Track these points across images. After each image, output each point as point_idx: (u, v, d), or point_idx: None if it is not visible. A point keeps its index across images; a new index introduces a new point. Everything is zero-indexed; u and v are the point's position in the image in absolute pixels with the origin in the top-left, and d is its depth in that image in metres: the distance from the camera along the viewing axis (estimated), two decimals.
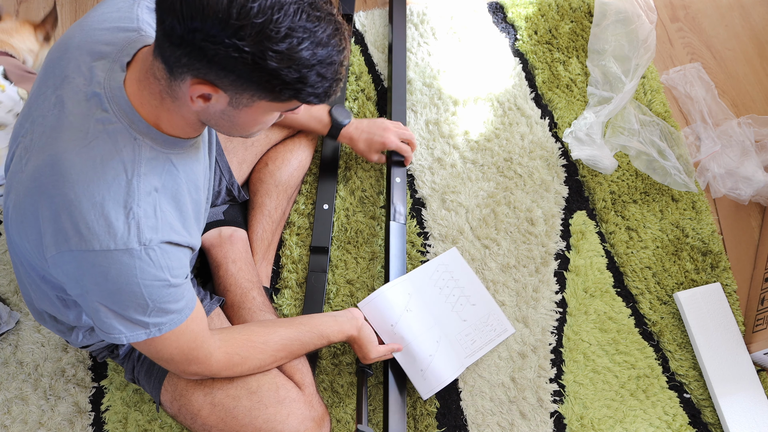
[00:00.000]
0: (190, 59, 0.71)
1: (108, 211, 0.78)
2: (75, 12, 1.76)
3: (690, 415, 1.30)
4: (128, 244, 0.79)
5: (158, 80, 0.77)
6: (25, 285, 1.00)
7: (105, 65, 0.82)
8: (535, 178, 1.50)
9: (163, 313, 0.86)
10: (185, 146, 0.86)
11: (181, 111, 0.80)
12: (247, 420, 1.04)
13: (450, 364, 1.27)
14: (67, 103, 0.81)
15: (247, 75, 0.71)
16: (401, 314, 1.26)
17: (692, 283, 1.41)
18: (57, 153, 0.79)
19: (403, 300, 1.28)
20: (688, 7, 1.77)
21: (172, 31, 0.69)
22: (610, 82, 1.58)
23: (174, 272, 0.84)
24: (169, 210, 0.84)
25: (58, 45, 0.89)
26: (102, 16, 0.88)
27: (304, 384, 1.12)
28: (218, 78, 0.72)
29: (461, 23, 1.70)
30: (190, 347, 0.94)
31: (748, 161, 1.48)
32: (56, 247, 0.80)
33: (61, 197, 0.78)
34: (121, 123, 0.80)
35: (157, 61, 0.75)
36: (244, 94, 0.75)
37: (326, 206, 1.44)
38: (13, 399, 1.28)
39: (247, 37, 0.67)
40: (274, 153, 1.38)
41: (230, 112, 0.78)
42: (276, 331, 1.08)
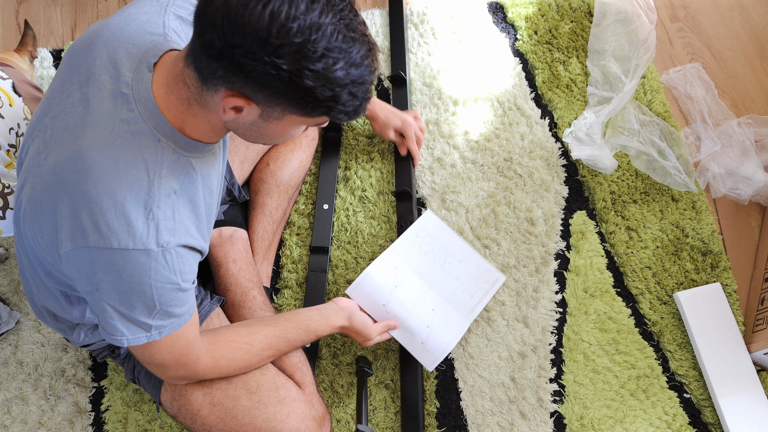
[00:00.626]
0: (227, 73, 0.72)
1: (129, 210, 0.78)
2: (75, 12, 1.76)
3: (690, 415, 1.30)
4: (147, 244, 0.79)
5: (188, 87, 0.78)
6: (28, 282, 1.00)
7: (132, 65, 0.83)
8: (535, 178, 1.50)
9: (167, 316, 0.87)
10: (205, 151, 0.87)
11: (208, 117, 0.81)
12: (246, 420, 1.04)
13: (450, 328, 1.27)
14: (92, 101, 0.82)
15: (282, 91, 0.73)
16: (391, 291, 1.26)
17: (692, 283, 1.41)
18: (80, 149, 0.79)
19: (391, 276, 1.28)
20: (688, 7, 1.77)
21: (212, 45, 0.71)
22: (610, 82, 1.58)
23: (185, 276, 0.85)
24: (185, 213, 0.85)
25: (83, 41, 0.89)
26: (130, 17, 0.89)
27: (304, 383, 1.12)
28: (253, 92, 0.74)
29: (461, 23, 1.70)
30: (181, 353, 0.95)
31: (748, 161, 1.48)
32: (73, 243, 0.80)
33: (82, 194, 0.78)
34: (146, 124, 0.80)
35: (189, 69, 0.77)
36: (276, 108, 0.76)
37: (326, 206, 1.44)
38: (13, 399, 1.28)
39: (286, 55, 0.69)
40: (275, 153, 1.38)
41: (260, 123, 0.80)
42: (260, 330, 1.08)
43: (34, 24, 1.74)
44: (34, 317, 1.35)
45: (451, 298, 1.31)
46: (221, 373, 1.03)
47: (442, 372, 1.32)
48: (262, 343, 1.07)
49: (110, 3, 1.77)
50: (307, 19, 0.69)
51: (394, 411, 1.28)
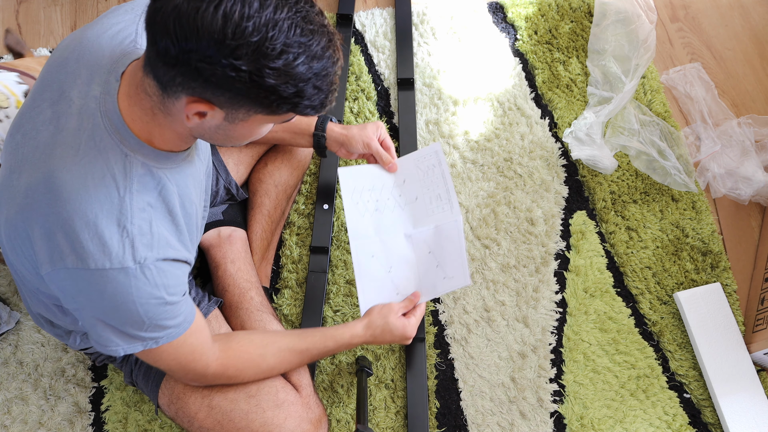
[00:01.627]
0: (185, 79, 0.70)
1: (102, 229, 0.77)
2: (75, 12, 1.76)
3: (690, 415, 1.30)
4: (123, 263, 0.78)
5: (150, 96, 0.76)
6: (21, 291, 1.00)
7: (101, 78, 0.81)
8: (535, 178, 1.50)
9: (160, 328, 0.86)
10: (177, 160, 0.85)
11: (173, 126, 0.79)
12: (243, 423, 1.04)
13: (451, 241, 1.19)
14: (61, 119, 0.80)
15: (244, 92, 0.70)
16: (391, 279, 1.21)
17: (692, 283, 1.41)
18: (49, 170, 0.78)
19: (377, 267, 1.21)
20: (688, 7, 1.77)
21: (166, 52, 0.68)
22: (610, 82, 1.58)
23: (170, 290, 0.84)
24: (164, 225, 0.83)
25: (56, 56, 0.88)
26: (102, 28, 0.87)
27: (301, 385, 1.12)
28: (214, 96, 0.72)
29: (461, 23, 1.70)
30: (187, 360, 0.94)
31: (748, 161, 1.48)
32: (51, 265, 0.79)
33: (54, 216, 0.77)
34: (112, 139, 0.78)
35: (148, 78, 0.74)
36: (241, 110, 0.74)
37: (326, 206, 1.44)
38: (13, 399, 1.28)
39: (244, 56, 0.67)
40: (273, 153, 1.37)
41: (225, 126, 0.78)
42: (275, 342, 1.06)
43: (34, 24, 1.74)
44: None
45: (429, 218, 1.22)
46: (230, 381, 1.03)
47: (442, 372, 1.32)
48: (275, 356, 1.06)
49: (110, 3, 1.77)
50: (262, 16, 0.66)
51: (394, 411, 1.28)
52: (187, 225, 0.90)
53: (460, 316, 1.36)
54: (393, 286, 1.21)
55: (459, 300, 1.38)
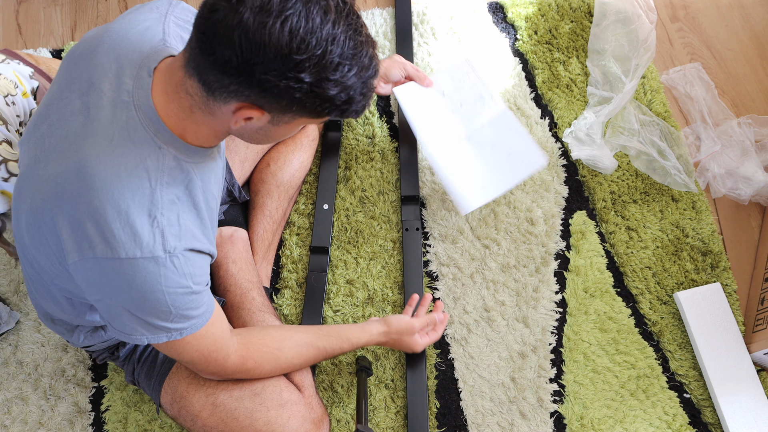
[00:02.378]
0: (241, 87, 0.73)
1: (133, 219, 0.78)
2: (75, 12, 1.76)
3: (690, 415, 1.30)
4: (154, 251, 0.79)
5: (191, 96, 0.78)
6: (30, 285, 1.00)
7: (132, 72, 0.83)
8: (535, 178, 1.50)
9: (185, 319, 0.87)
10: (205, 156, 0.88)
11: (212, 124, 0.81)
12: (247, 422, 1.04)
13: (510, 128, 1.36)
14: (92, 110, 0.82)
15: (299, 101, 0.74)
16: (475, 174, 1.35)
17: (692, 283, 1.41)
18: (81, 160, 0.79)
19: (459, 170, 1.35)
20: (688, 7, 1.77)
21: (227, 63, 0.71)
22: (610, 82, 1.58)
23: (196, 279, 0.85)
24: (190, 218, 0.85)
25: (83, 48, 0.89)
26: (130, 24, 0.89)
27: (303, 385, 1.12)
28: (267, 103, 0.75)
29: (461, 23, 1.70)
30: (209, 350, 0.95)
31: (748, 161, 1.48)
32: (79, 254, 0.80)
33: (85, 205, 0.78)
34: (146, 132, 0.80)
35: (191, 80, 0.77)
36: (287, 114, 0.78)
37: (326, 206, 1.44)
38: (13, 399, 1.28)
39: (307, 69, 0.71)
40: (275, 153, 1.38)
41: (268, 128, 0.81)
42: (292, 336, 1.08)
43: (34, 24, 1.74)
44: (34, 317, 1.35)
45: (478, 117, 1.38)
46: (248, 373, 1.04)
47: (442, 372, 1.32)
48: (293, 350, 1.07)
49: (110, 3, 1.77)
50: (323, 30, 0.70)
51: (394, 411, 1.28)
52: (210, 219, 0.92)
53: (460, 316, 1.37)
54: (480, 181, 1.33)
55: (459, 300, 1.38)
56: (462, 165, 1.35)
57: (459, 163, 1.36)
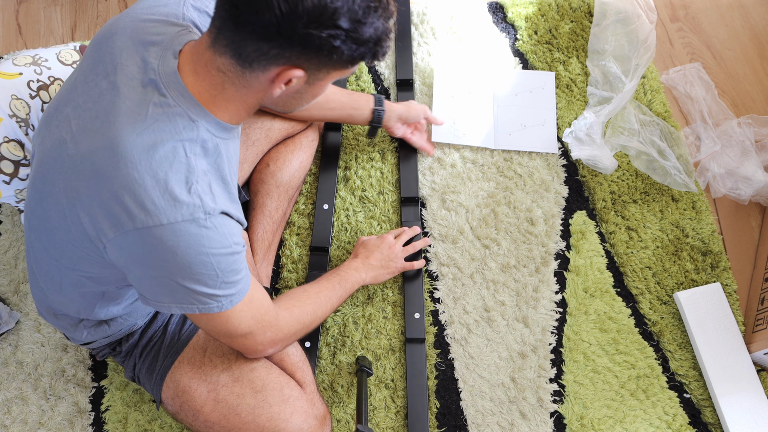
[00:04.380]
0: (282, 50, 0.77)
1: (172, 186, 0.81)
2: (75, 12, 1.76)
3: (690, 415, 1.30)
4: (194, 214, 0.82)
5: (223, 73, 0.81)
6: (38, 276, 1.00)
7: (157, 53, 0.85)
8: (535, 178, 1.50)
9: (231, 285, 0.89)
10: (231, 133, 0.90)
11: (245, 98, 0.85)
12: (250, 418, 1.04)
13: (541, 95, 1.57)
14: (122, 89, 0.84)
15: (338, 50, 0.78)
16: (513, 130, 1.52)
17: (692, 283, 1.41)
18: (116, 136, 0.81)
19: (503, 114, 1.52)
20: (688, 7, 1.77)
21: (266, 28, 0.74)
22: (610, 82, 1.58)
23: (235, 239, 0.88)
24: (219, 190, 0.87)
25: (103, 33, 0.91)
26: (150, 9, 0.92)
27: (305, 382, 1.13)
28: (308, 60, 0.79)
29: (461, 23, 1.70)
30: (261, 313, 0.97)
31: (748, 161, 1.48)
32: (118, 229, 0.82)
33: (123, 178, 0.80)
34: (180, 107, 0.83)
35: (223, 58, 0.80)
36: (323, 69, 0.82)
37: (326, 206, 1.44)
38: (13, 399, 1.28)
39: (342, 15, 0.75)
40: (275, 153, 1.38)
41: (304, 89, 0.85)
42: (305, 286, 1.15)
43: (34, 24, 1.74)
44: (34, 317, 1.35)
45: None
46: (299, 321, 1.07)
47: (442, 372, 1.32)
48: (315, 286, 1.15)
49: (110, 3, 1.77)
50: None
51: (394, 411, 1.28)
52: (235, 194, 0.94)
53: (460, 316, 1.37)
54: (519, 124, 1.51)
55: (459, 300, 1.38)
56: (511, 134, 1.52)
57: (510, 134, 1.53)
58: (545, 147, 1.52)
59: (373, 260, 1.29)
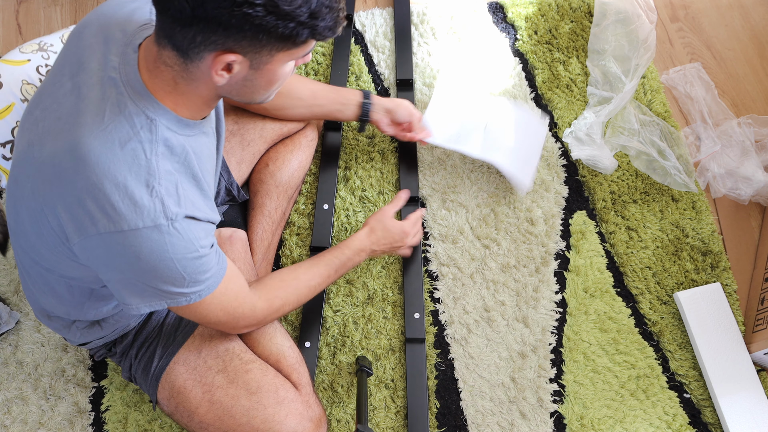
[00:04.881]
0: (205, 34, 0.73)
1: (132, 190, 0.79)
2: (75, 12, 1.76)
3: (690, 415, 1.30)
4: (156, 220, 0.80)
5: (170, 67, 0.79)
6: (26, 278, 1.00)
7: (118, 50, 0.84)
8: (535, 178, 1.50)
9: (199, 282, 0.88)
10: (196, 129, 0.88)
11: (198, 90, 0.82)
12: (244, 420, 1.04)
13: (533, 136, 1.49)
14: (83, 89, 0.82)
15: (263, 28, 0.73)
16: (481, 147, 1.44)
17: (692, 283, 1.41)
18: (75, 138, 0.80)
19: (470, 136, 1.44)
20: (688, 7, 1.77)
21: (182, 13, 0.72)
22: (610, 82, 1.58)
23: (201, 242, 0.86)
24: (189, 188, 0.86)
25: (75, 33, 0.90)
26: (118, 5, 0.90)
27: (300, 384, 1.12)
28: (237, 42, 0.75)
29: (461, 23, 1.70)
30: (233, 306, 0.97)
31: (748, 161, 1.48)
32: (82, 233, 0.81)
33: (83, 181, 0.79)
34: (137, 106, 0.81)
35: (165, 50, 0.78)
36: (263, 51, 0.77)
37: (326, 206, 1.44)
38: (13, 399, 1.28)
39: None
40: (274, 153, 1.37)
41: (252, 75, 0.81)
42: (301, 266, 1.12)
43: (34, 24, 1.74)
44: (34, 317, 1.35)
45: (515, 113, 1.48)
46: (279, 311, 1.06)
47: (442, 372, 1.32)
48: (307, 273, 1.11)
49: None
50: None
51: (394, 411, 1.28)
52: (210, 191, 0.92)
53: (460, 316, 1.37)
54: (460, 125, 1.43)
55: (459, 300, 1.38)
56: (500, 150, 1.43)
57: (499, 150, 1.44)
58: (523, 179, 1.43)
59: (381, 246, 1.24)
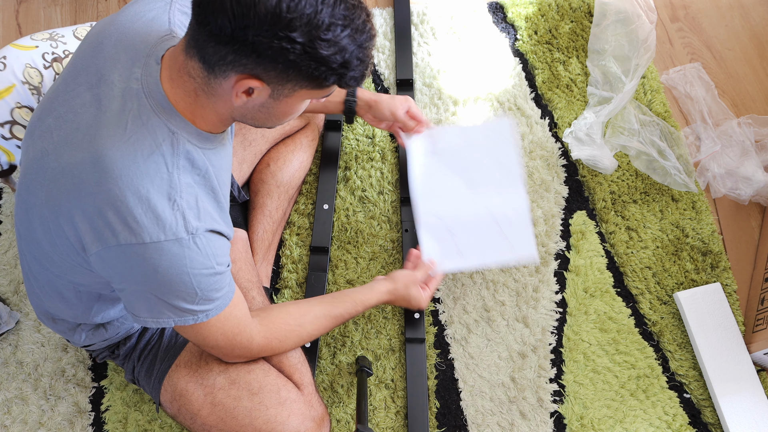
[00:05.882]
0: (237, 56, 0.74)
1: (154, 203, 0.80)
2: (75, 12, 1.76)
3: (690, 415, 1.30)
4: (177, 233, 0.81)
5: (193, 78, 0.79)
6: (33, 283, 1.00)
7: (140, 61, 0.84)
8: (535, 178, 1.50)
9: (209, 301, 0.89)
10: (215, 142, 0.89)
11: (215, 107, 0.82)
12: (247, 421, 1.04)
13: (516, 212, 1.29)
14: (104, 101, 0.82)
15: (295, 65, 0.74)
16: (454, 240, 1.28)
17: (692, 283, 1.41)
18: (97, 150, 0.80)
19: (441, 229, 1.29)
20: (688, 7, 1.77)
21: (221, 31, 0.72)
22: (610, 82, 1.58)
23: (219, 260, 0.87)
24: (208, 201, 0.86)
25: (90, 42, 0.90)
26: (136, 15, 0.90)
27: (303, 384, 1.12)
28: (265, 71, 0.75)
29: (461, 23, 1.70)
30: (233, 333, 0.97)
31: (748, 161, 1.48)
32: (102, 243, 0.81)
33: (105, 193, 0.79)
34: (159, 118, 0.81)
35: (192, 61, 0.78)
36: (287, 85, 0.78)
37: (326, 206, 1.44)
38: (13, 399, 1.28)
39: (298, 28, 0.71)
40: (275, 153, 1.38)
41: (270, 104, 0.81)
42: (310, 311, 1.11)
43: (34, 24, 1.74)
44: (34, 317, 1.35)
45: (493, 185, 1.31)
46: (273, 351, 1.06)
47: (442, 372, 1.32)
48: (312, 324, 1.10)
49: (110, 3, 1.77)
50: None
51: (394, 411, 1.28)
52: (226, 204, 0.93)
53: (460, 316, 1.37)
54: (455, 248, 1.28)
55: (459, 300, 1.38)
56: (447, 226, 1.29)
57: (444, 225, 1.29)
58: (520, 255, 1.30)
59: (397, 304, 1.24)
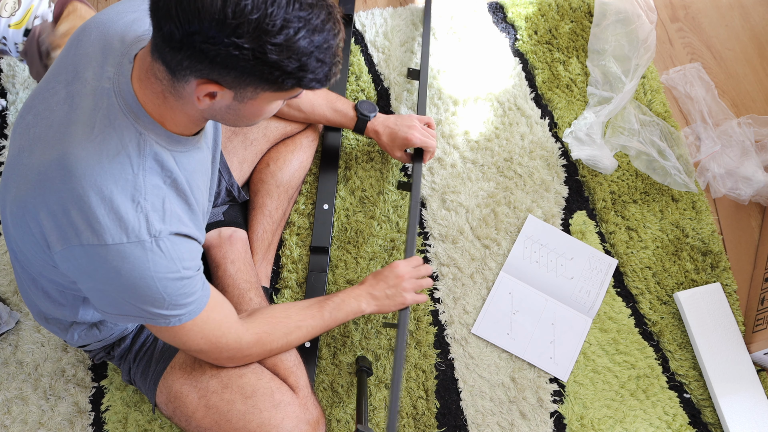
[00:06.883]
0: (192, 61, 0.72)
1: (117, 204, 0.78)
2: None
3: (690, 415, 1.30)
4: (139, 236, 0.79)
5: (160, 81, 0.78)
6: (21, 280, 1.00)
7: (115, 60, 0.83)
8: (535, 178, 1.50)
9: (180, 306, 0.87)
10: (188, 145, 0.87)
11: (184, 108, 0.81)
12: (241, 424, 1.04)
13: (573, 333, 1.34)
14: (75, 98, 0.82)
15: (248, 70, 0.72)
16: (511, 320, 1.33)
17: (692, 283, 1.41)
18: (64, 148, 0.79)
19: (507, 303, 1.34)
20: (688, 7, 1.77)
21: (171, 36, 0.70)
22: (610, 82, 1.58)
23: (185, 263, 0.85)
24: (176, 203, 0.85)
25: (74, 39, 0.90)
26: (118, 15, 0.89)
27: (298, 386, 1.11)
28: (221, 76, 0.73)
29: (461, 23, 1.70)
30: (216, 336, 0.96)
31: (748, 161, 1.48)
32: (65, 242, 0.80)
33: (68, 192, 0.78)
34: (127, 118, 0.80)
35: (157, 63, 0.76)
36: (248, 88, 0.76)
37: (326, 206, 1.44)
38: (13, 399, 1.28)
39: (245, 34, 0.68)
40: (275, 153, 1.37)
41: (235, 106, 0.80)
42: (294, 305, 1.11)
43: None
44: None
45: (569, 301, 1.36)
46: (265, 348, 1.05)
47: (442, 372, 1.32)
48: (299, 314, 1.09)
49: (110, 3, 1.77)
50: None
51: None
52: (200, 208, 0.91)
53: (460, 316, 1.37)
54: (508, 327, 1.34)
55: (459, 300, 1.38)
56: (512, 305, 1.36)
57: (510, 302, 1.36)
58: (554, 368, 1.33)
59: (378, 290, 1.17)
